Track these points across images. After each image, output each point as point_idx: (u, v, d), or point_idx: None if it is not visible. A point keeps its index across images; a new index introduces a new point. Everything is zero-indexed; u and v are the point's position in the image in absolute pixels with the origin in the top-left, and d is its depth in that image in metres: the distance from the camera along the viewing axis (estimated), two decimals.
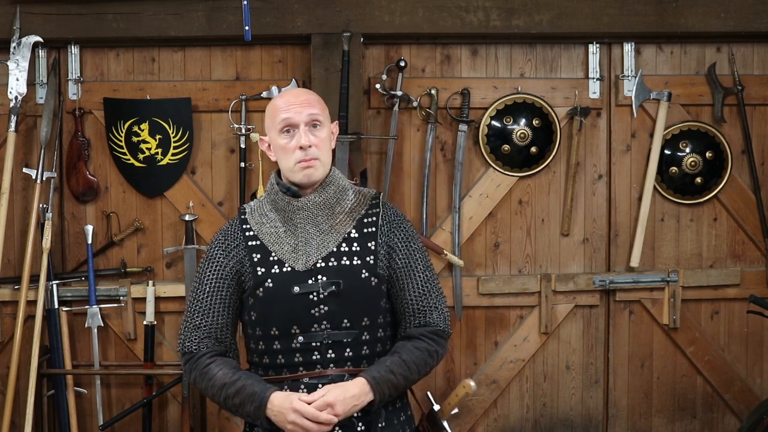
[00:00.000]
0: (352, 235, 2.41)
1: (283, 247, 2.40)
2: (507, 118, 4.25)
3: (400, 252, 2.44)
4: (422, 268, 2.46)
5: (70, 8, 4.00)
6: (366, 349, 2.39)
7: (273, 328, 2.37)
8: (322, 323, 2.35)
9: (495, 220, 4.33)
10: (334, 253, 2.38)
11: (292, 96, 2.42)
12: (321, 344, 2.35)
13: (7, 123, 4.00)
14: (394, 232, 2.45)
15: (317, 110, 2.39)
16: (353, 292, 2.36)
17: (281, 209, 2.42)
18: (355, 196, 2.47)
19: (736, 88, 4.28)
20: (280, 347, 2.37)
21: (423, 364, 2.40)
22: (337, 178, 2.44)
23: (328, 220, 2.41)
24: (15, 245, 4.17)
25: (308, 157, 2.35)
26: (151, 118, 4.14)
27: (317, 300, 2.35)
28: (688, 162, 4.32)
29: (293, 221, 2.40)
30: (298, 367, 2.36)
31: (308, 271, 2.36)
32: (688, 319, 4.36)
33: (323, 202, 2.40)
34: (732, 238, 4.41)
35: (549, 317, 4.29)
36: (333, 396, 2.26)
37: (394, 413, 2.43)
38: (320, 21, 4.03)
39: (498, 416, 4.38)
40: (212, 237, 2.52)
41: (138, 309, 4.17)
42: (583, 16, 4.11)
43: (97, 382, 4.18)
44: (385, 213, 2.47)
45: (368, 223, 2.44)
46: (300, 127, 2.36)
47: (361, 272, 2.38)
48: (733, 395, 4.40)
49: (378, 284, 2.40)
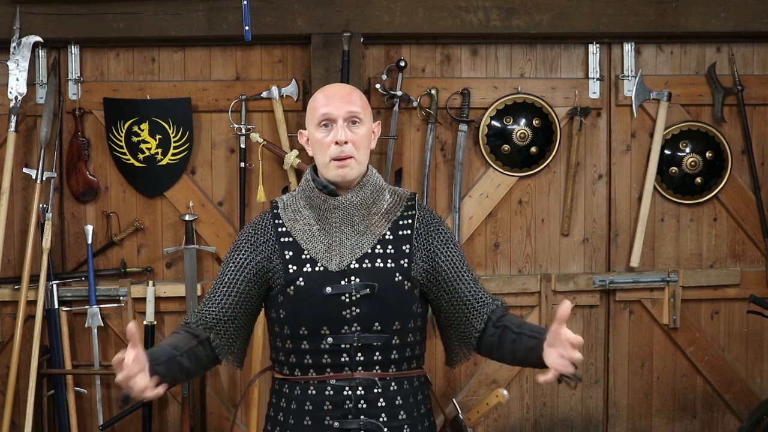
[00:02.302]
0: (387, 237, 2.36)
1: (317, 246, 2.34)
2: (507, 118, 4.25)
3: (442, 255, 2.39)
4: (466, 266, 2.42)
5: (70, 8, 4.00)
6: (395, 354, 2.34)
7: (302, 328, 2.32)
8: (353, 325, 2.30)
9: (495, 220, 4.33)
10: (368, 255, 2.33)
11: (334, 90, 2.37)
12: (351, 346, 2.30)
13: (7, 123, 4.00)
14: (432, 236, 2.40)
15: (358, 107, 2.33)
16: (386, 295, 2.31)
17: (316, 207, 2.36)
18: (391, 197, 2.41)
19: (736, 88, 4.28)
20: (308, 347, 2.32)
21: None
22: (374, 178, 2.39)
23: (364, 220, 2.35)
24: (15, 245, 4.17)
25: (343, 154, 2.29)
26: (151, 118, 4.14)
27: (349, 302, 2.30)
28: (688, 162, 4.32)
29: (328, 220, 2.35)
30: (325, 369, 2.31)
31: (341, 271, 2.31)
32: (688, 319, 4.36)
33: (360, 203, 2.34)
34: (732, 238, 4.41)
35: (549, 317, 4.29)
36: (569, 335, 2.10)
37: (419, 418, 2.40)
38: (320, 21, 4.03)
39: (498, 416, 4.38)
40: (241, 228, 2.45)
41: (138, 309, 4.17)
42: (583, 16, 4.11)
43: (97, 382, 4.18)
44: (421, 215, 2.41)
45: (403, 225, 2.38)
46: (338, 122, 2.30)
47: (395, 275, 2.33)
48: (733, 395, 4.40)
49: (411, 288, 2.35)
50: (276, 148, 4.13)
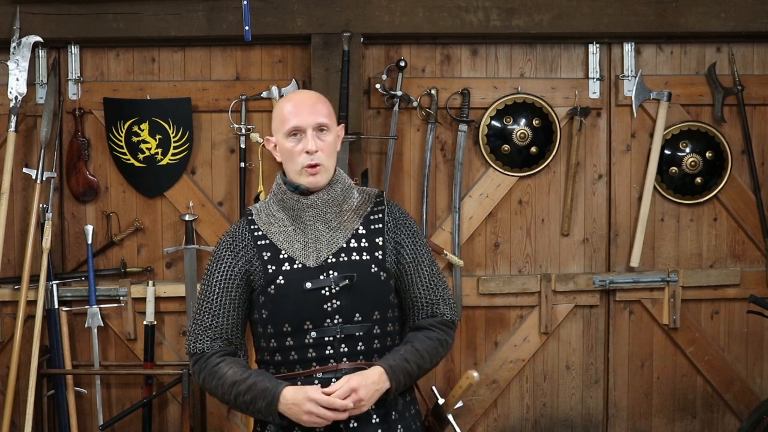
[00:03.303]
0: (360, 231, 2.45)
1: (294, 245, 2.42)
2: (507, 118, 4.25)
3: (407, 247, 2.49)
4: (428, 263, 2.51)
5: (70, 8, 4.00)
6: (377, 343, 2.41)
7: (285, 325, 2.38)
8: (335, 318, 2.37)
9: (495, 220, 4.33)
10: (344, 249, 2.42)
11: (300, 100, 2.45)
12: (334, 339, 2.36)
13: (7, 123, 4.00)
14: (400, 229, 2.50)
15: (325, 117, 2.42)
16: (364, 287, 2.39)
17: (289, 208, 2.44)
18: (359, 195, 2.51)
19: (736, 88, 4.28)
20: (292, 343, 2.38)
21: (434, 352, 2.46)
22: (342, 177, 2.49)
23: (337, 217, 2.44)
24: (15, 245, 4.17)
25: (314, 162, 2.39)
26: (151, 118, 4.14)
27: (329, 295, 2.37)
28: (688, 162, 4.32)
29: (302, 219, 2.43)
30: (311, 363, 2.37)
31: (319, 267, 2.39)
32: (688, 319, 4.36)
33: (331, 200, 2.44)
34: (732, 238, 4.41)
35: (549, 317, 4.29)
36: (356, 381, 2.29)
37: (405, 406, 2.47)
38: (320, 21, 4.03)
39: (498, 416, 4.38)
40: (219, 239, 2.54)
41: (138, 309, 4.17)
42: (583, 16, 4.11)
43: (97, 382, 4.18)
44: (390, 210, 2.51)
45: (375, 219, 2.48)
46: (307, 132, 2.40)
47: (370, 267, 2.42)
48: (733, 395, 4.40)
49: (387, 279, 2.44)
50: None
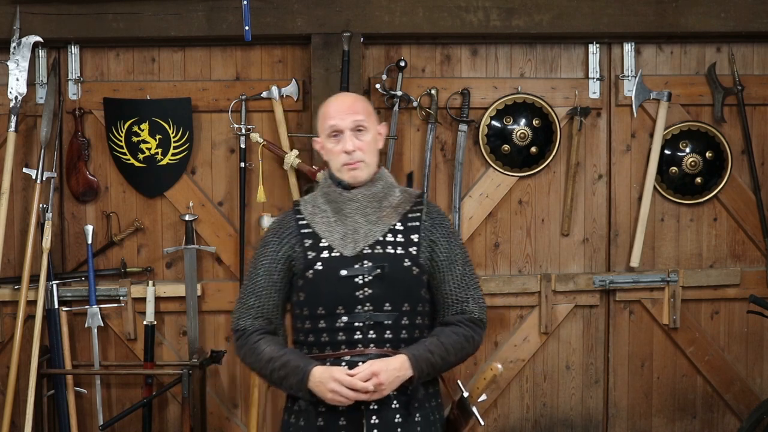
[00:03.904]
0: (397, 227, 2.60)
1: (334, 235, 2.58)
2: (507, 118, 4.25)
3: (441, 246, 2.62)
4: (461, 262, 2.64)
5: (70, 8, 4.00)
6: (404, 333, 2.54)
7: (320, 308, 2.53)
8: (366, 305, 2.51)
9: (495, 220, 4.33)
10: (380, 242, 2.57)
11: (339, 102, 2.63)
12: (363, 324, 2.50)
13: (7, 123, 4.00)
14: (436, 228, 2.63)
15: (362, 116, 2.58)
16: (395, 278, 2.53)
17: (333, 200, 2.61)
18: (401, 194, 2.66)
19: (736, 88, 4.28)
20: (325, 326, 2.53)
21: (460, 347, 2.58)
22: (385, 176, 2.65)
23: (376, 212, 2.60)
24: (15, 245, 4.17)
25: (353, 160, 2.56)
26: (151, 118, 4.14)
27: (362, 283, 2.52)
28: (688, 162, 4.32)
29: (343, 211, 2.59)
30: (340, 345, 2.51)
31: (355, 256, 2.54)
32: (688, 319, 4.36)
33: (372, 195, 2.60)
34: (732, 238, 4.41)
35: (549, 317, 4.29)
36: (378, 366, 2.43)
37: (426, 397, 2.59)
38: (320, 21, 4.03)
39: (498, 416, 4.38)
40: (267, 227, 2.73)
41: (138, 309, 4.17)
42: (583, 16, 4.11)
43: (97, 382, 4.18)
44: (429, 210, 2.66)
45: (412, 218, 2.62)
46: (345, 133, 2.56)
47: (403, 261, 2.56)
48: (733, 395, 4.40)
49: (419, 274, 2.57)
50: (276, 148, 4.13)
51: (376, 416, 2.48)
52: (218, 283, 4.25)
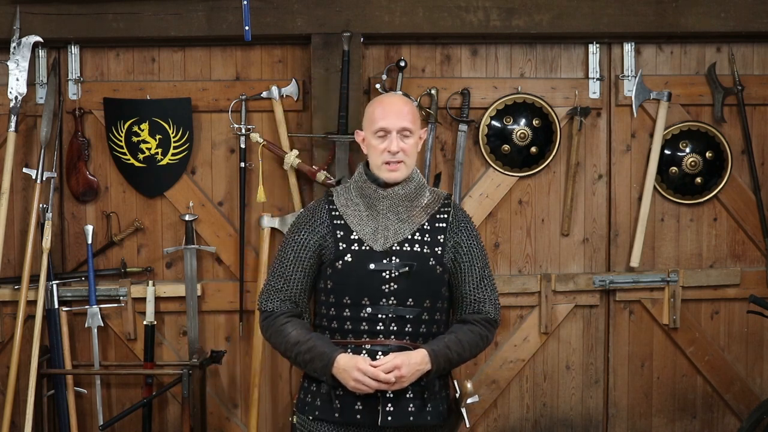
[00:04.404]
0: (425, 227, 2.73)
1: (365, 229, 2.70)
2: (507, 118, 4.25)
3: (464, 248, 2.75)
4: (481, 265, 2.78)
5: (70, 8, 4.00)
6: (424, 328, 2.68)
7: (346, 298, 2.67)
8: (390, 299, 2.65)
9: (495, 220, 4.33)
10: (408, 240, 2.70)
11: (390, 103, 2.76)
12: (386, 317, 2.64)
13: (7, 123, 4.00)
14: (461, 230, 2.77)
15: (410, 122, 2.71)
16: (420, 276, 2.67)
17: (367, 196, 2.73)
18: (430, 195, 2.79)
19: (736, 88, 4.28)
20: (349, 314, 2.66)
21: (474, 345, 2.71)
22: (418, 177, 2.77)
23: (407, 210, 2.73)
24: (15, 245, 4.17)
25: (395, 160, 2.68)
26: (151, 118, 4.14)
27: (389, 278, 2.65)
28: (688, 162, 4.32)
29: (376, 207, 2.72)
30: (362, 335, 2.65)
31: (384, 252, 2.67)
32: (688, 319, 4.36)
33: (405, 195, 2.73)
34: (732, 238, 4.41)
35: (549, 317, 4.29)
36: (400, 360, 2.55)
37: (438, 388, 2.71)
38: (320, 21, 4.03)
39: (498, 416, 4.38)
40: (299, 213, 2.84)
41: (138, 309, 4.17)
42: (583, 16, 4.11)
43: (97, 382, 4.18)
44: (455, 213, 2.79)
45: (440, 219, 2.75)
46: (392, 134, 2.69)
47: (429, 259, 2.69)
48: (733, 395, 4.40)
49: (442, 273, 2.72)
50: (276, 148, 4.13)
51: (391, 404, 2.61)
52: (218, 283, 4.25)
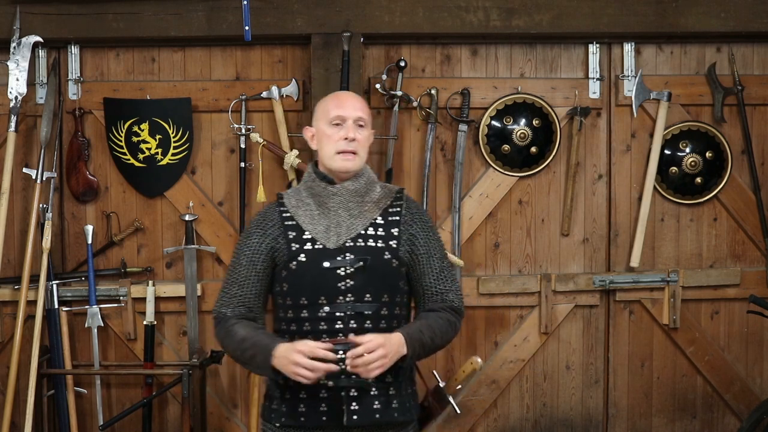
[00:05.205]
0: (378, 221, 2.70)
1: (317, 227, 2.67)
2: (507, 118, 4.25)
3: (420, 240, 2.72)
4: (439, 256, 2.75)
5: (70, 8, 4.00)
6: (384, 323, 2.63)
7: (302, 298, 2.62)
8: (347, 296, 2.60)
9: (495, 220, 4.33)
10: (361, 235, 2.66)
11: (345, 96, 2.81)
12: (344, 315, 2.59)
13: (7, 123, 4.00)
14: (416, 222, 2.74)
15: (364, 114, 2.72)
16: (376, 270, 2.63)
17: (317, 194, 2.70)
18: (381, 189, 2.76)
19: (736, 88, 4.28)
20: (307, 315, 2.62)
21: (445, 331, 2.68)
22: (368, 172, 2.74)
23: (358, 206, 2.69)
24: (15, 245, 4.17)
25: (350, 148, 2.66)
26: (151, 118, 4.14)
27: (344, 275, 2.61)
28: (688, 162, 4.32)
29: (327, 205, 2.68)
30: (322, 334, 2.59)
31: (338, 249, 2.63)
32: (688, 319, 4.36)
33: (355, 190, 2.69)
34: (732, 238, 4.41)
35: (549, 317, 4.29)
36: (382, 338, 2.50)
37: (403, 385, 2.67)
38: (320, 21, 4.03)
39: (498, 416, 4.38)
40: (251, 219, 2.79)
41: (138, 309, 4.17)
42: (583, 16, 4.11)
43: (97, 382, 4.18)
44: (408, 205, 2.76)
45: (393, 212, 2.72)
46: (348, 122, 2.68)
47: (383, 254, 2.66)
48: (733, 395, 4.40)
49: (398, 266, 2.68)
50: (276, 148, 4.13)
51: (355, 403, 2.56)
52: (218, 283, 4.21)
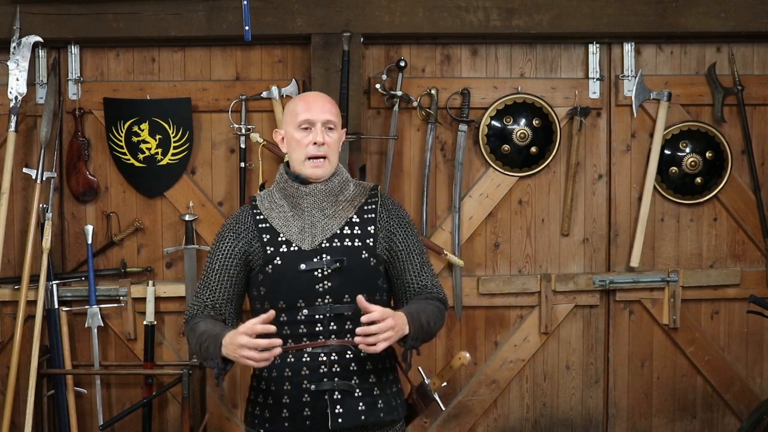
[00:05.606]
0: (354, 220, 2.64)
1: (291, 229, 2.62)
2: (507, 118, 4.25)
3: (398, 236, 2.68)
4: (418, 252, 2.70)
5: (70, 8, 4.00)
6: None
7: (280, 302, 2.57)
8: (326, 297, 2.56)
9: (495, 220, 4.33)
10: (337, 235, 2.61)
11: (313, 98, 2.69)
12: (324, 317, 2.55)
13: (7, 123, 4.00)
14: (393, 219, 2.69)
15: (333, 116, 2.65)
16: (354, 270, 2.58)
17: (290, 195, 2.64)
18: (355, 187, 2.71)
19: (736, 88, 4.28)
20: (286, 319, 2.56)
21: (437, 317, 2.62)
22: (341, 171, 2.69)
23: (332, 206, 2.64)
24: (15, 245, 4.17)
25: (320, 153, 2.60)
26: (151, 118, 4.14)
27: (321, 276, 2.56)
28: (688, 162, 4.32)
29: (300, 206, 2.63)
30: (302, 338, 2.55)
31: (314, 250, 2.58)
32: (688, 319, 4.36)
33: (328, 190, 2.64)
34: (732, 238, 4.41)
35: (549, 317, 4.29)
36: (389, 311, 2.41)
37: (387, 384, 2.63)
38: (320, 21, 4.03)
39: (498, 416, 4.38)
40: (224, 222, 2.74)
41: (138, 309, 4.17)
42: (583, 16, 4.11)
43: (97, 382, 4.18)
44: (384, 202, 2.71)
45: (368, 210, 2.68)
46: (317, 126, 2.61)
47: (361, 253, 2.61)
48: (733, 395, 4.40)
49: (376, 264, 2.63)
50: (276, 148, 4.13)
51: (340, 405, 2.53)
52: None
